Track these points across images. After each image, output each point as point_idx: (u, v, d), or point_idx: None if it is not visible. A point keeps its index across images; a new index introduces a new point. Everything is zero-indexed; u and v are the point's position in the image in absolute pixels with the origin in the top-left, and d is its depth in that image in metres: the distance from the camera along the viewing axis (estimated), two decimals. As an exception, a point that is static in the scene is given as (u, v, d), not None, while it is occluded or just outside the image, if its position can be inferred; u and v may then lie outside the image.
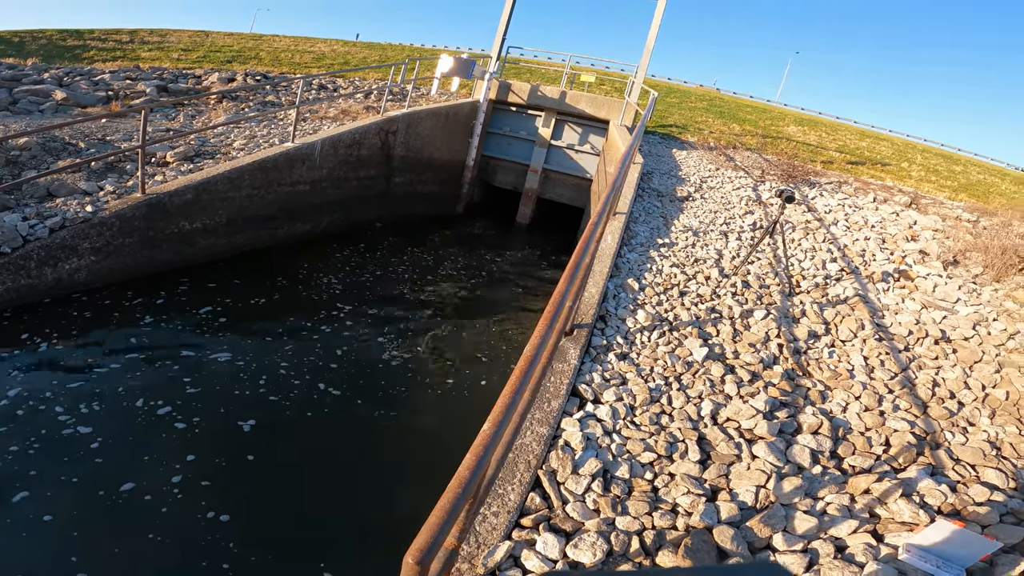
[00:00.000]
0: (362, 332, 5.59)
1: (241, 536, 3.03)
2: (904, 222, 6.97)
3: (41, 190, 5.50)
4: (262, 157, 6.63)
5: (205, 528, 3.04)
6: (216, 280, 5.97)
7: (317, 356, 4.94)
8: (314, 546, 3.05)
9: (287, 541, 3.06)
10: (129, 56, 14.87)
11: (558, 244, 10.86)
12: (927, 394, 3.35)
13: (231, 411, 4.00)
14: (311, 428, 4.02)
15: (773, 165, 10.25)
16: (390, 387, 4.70)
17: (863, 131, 19.92)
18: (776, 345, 3.89)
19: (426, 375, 4.97)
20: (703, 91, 24.45)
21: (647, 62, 10.53)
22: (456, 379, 4.98)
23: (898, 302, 4.70)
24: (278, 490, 3.41)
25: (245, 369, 4.54)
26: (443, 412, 4.46)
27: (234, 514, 3.16)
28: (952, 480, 2.56)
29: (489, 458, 1.25)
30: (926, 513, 2.28)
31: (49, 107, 8.65)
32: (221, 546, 2.96)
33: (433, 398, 4.65)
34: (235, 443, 3.71)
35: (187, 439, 3.67)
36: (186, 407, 3.95)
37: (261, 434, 3.85)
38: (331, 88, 12.97)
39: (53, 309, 4.86)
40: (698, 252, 5.65)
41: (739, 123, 15.45)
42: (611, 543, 2.12)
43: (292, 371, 4.63)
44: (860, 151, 14.12)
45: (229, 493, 3.31)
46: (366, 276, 7.13)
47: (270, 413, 4.07)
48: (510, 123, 11.72)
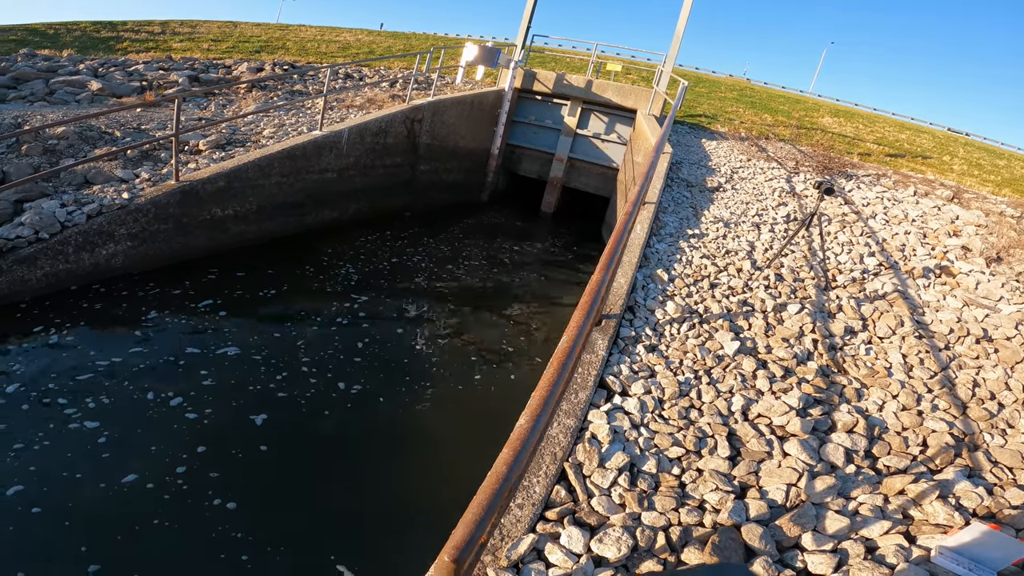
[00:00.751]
0: (384, 321, 5.62)
1: (250, 525, 2.99)
2: (946, 217, 6.69)
3: (79, 178, 5.66)
4: (291, 145, 6.70)
5: (213, 518, 3.02)
6: (244, 268, 6.08)
7: (339, 346, 4.96)
8: (328, 538, 3.03)
9: (298, 533, 3.01)
10: (161, 47, 15.18)
11: (583, 233, 10.75)
12: (967, 394, 3.23)
13: (245, 403, 4.00)
14: (328, 419, 3.98)
15: (808, 156, 9.93)
16: (411, 377, 4.70)
17: (902, 123, 19.14)
18: (810, 340, 3.77)
19: (447, 367, 4.97)
20: (733, 81, 23.82)
21: (676, 51, 10.26)
22: (479, 371, 4.97)
23: (939, 299, 4.52)
24: (292, 481, 3.40)
25: (265, 359, 4.55)
26: (466, 405, 4.45)
27: (243, 503, 3.12)
28: (989, 483, 2.49)
29: (527, 453, 1.22)
30: (961, 515, 2.22)
31: (85, 97, 8.88)
32: (230, 536, 2.93)
33: (455, 390, 4.63)
34: (248, 434, 3.72)
35: (198, 430, 3.62)
36: (199, 397, 3.94)
37: (275, 426, 3.82)
38: (357, 77, 13.04)
39: (80, 296, 4.96)
40: (729, 243, 5.51)
41: (771, 113, 15.01)
42: (636, 538, 2.09)
43: (312, 362, 4.63)
44: (899, 143, 13.57)
45: (239, 483, 3.29)
46: (390, 264, 7.17)
47: (287, 403, 4.07)
48: (535, 112, 11.62)
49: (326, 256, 6.91)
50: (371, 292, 6.20)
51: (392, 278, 6.75)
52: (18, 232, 4.66)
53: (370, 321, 5.58)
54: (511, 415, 3.43)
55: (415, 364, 4.90)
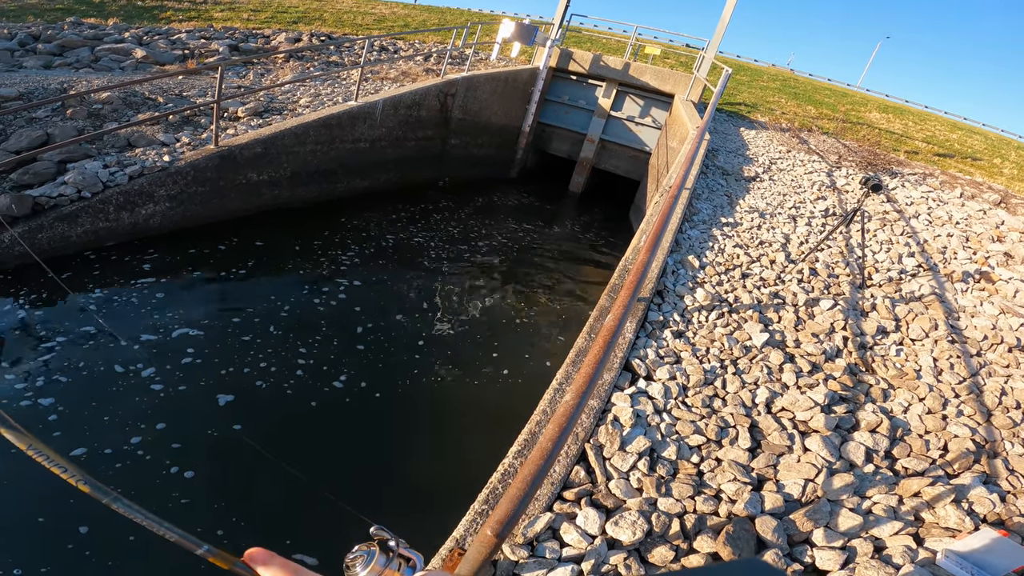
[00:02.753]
0: (405, 292, 5.70)
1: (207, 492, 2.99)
2: (991, 221, 6.43)
3: (121, 141, 5.81)
4: (326, 115, 6.75)
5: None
6: (273, 232, 6.20)
7: (355, 319, 4.98)
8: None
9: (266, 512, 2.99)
10: (203, 16, 15.33)
11: (610, 216, 10.66)
12: (993, 402, 3.17)
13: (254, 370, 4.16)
14: (335, 398, 3.94)
15: (851, 151, 9.58)
16: (428, 349, 4.76)
17: (954, 123, 18.23)
18: (841, 338, 3.70)
19: (470, 345, 5.02)
20: (776, 71, 22.96)
21: (720, 37, 9.92)
22: (497, 347, 5.01)
23: (976, 304, 4.39)
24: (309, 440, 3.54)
25: (285, 324, 4.63)
26: (483, 380, 4.50)
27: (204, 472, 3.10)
28: (1004, 490, 2.47)
29: (571, 429, 1.22)
30: (972, 520, 2.22)
31: (129, 64, 9.07)
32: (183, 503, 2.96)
33: (472, 365, 4.68)
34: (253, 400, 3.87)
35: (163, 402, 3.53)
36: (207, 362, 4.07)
37: (284, 393, 3.86)
38: (392, 50, 12.99)
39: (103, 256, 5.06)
40: (764, 234, 5.39)
41: (815, 105, 14.45)
42: (651, 523, 2.10)
43: (330, 326, 4.69)
44: (949, 143, 12.97)
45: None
46: (416, 236, 7.24)
47: (309, 369, 4.13)
48: (569, 92, 11.43)
49: (353, 225, 7.00)
50: (394, 263, 6.28)
51: (417, 249, 6.81)
52: (61, 190, 4.83)
53: (391, 291, 5.66)
54: (529, 393, 3.46)
55: (432, 337, 4.96)
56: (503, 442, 2.51)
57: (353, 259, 6.13)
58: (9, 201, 4.50)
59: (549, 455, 1.13)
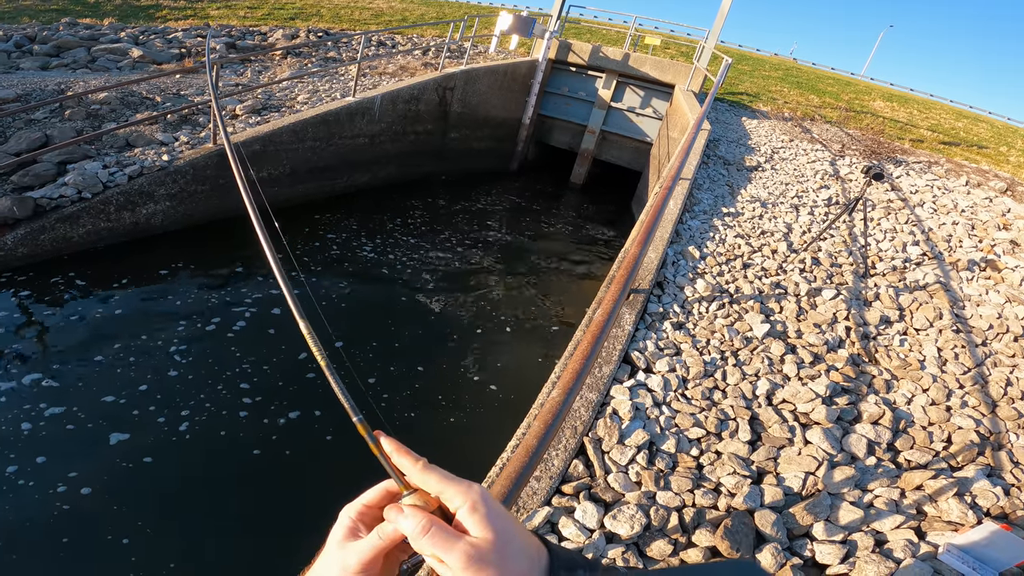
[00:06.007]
0: (404, 286, 5.69)
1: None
2: (997, 209, 6.38)
3: (120, 141, 5.81)
4: (324, 111, 6.73)
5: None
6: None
7: (349, 315, 4.97)
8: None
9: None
10: (199, 14, 15.28)
11: (612, 206, 10.62)
12: (998, 392, 3.14)
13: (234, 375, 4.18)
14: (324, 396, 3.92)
15: (855, 140, 9.48)
16: (427, 341, 4.77)
17: (960, 111, 18.01)
18: (843, 328, 3.66)
19: (464, 333, 5.01)
20: (778, 60, 22.73)
21: (720, 26, 9.81)
22: (502, 342, 5.00)
23: (981, 293, 4.35)
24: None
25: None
26: (481, 373, 4.49)
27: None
28: (1007, 483, 2.44)
29: (557, 427, 1.21)
30: (974, 514, 2.20)
31: (126, 64, 9.05)
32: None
33: (470, 357, 4.67)
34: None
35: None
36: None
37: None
38: (390, 45, 12.92)
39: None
40: (765, 224, 5.35)
41: (818, 95, 14.31)
42: (650, 517, 2.09)
43: (332, 321, 4.69)
44: (955, 131, 12.82)
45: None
46: (416, 230, 7.22)
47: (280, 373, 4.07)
48: (569, 83, 11.34)
49: (354, 220, 6.99)
50: (393, 257, 6.26)
51: (416, 244, 6.80)
52: (61, 192, 4.83)
53: (390, 284, 5.65)
54: (525, 385, 3.44)
55: (430, 329, 4.96)
56: (507, 435, 2.50)
57: (353, 255, 6.12)
58: (11, 203, 4.51)
59: (534, 452, 1.12)
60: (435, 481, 0.47)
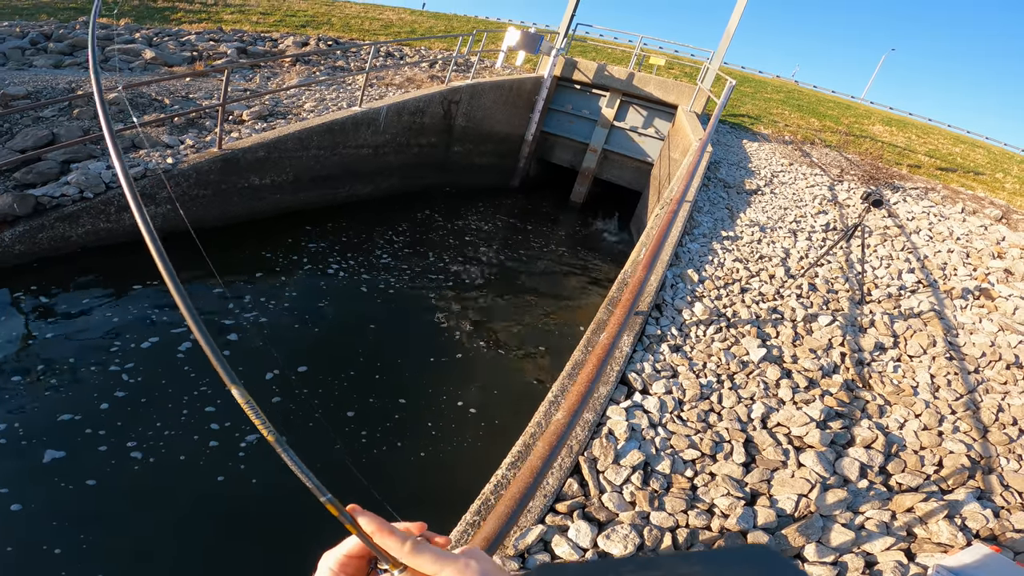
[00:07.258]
0: (399, 300, 5.68)
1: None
2: (992, 237, 6.45)
3: (126, 142, 5.83)
4: (330, 120, 6.79)
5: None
6: (273, 236, 6.19)
7: (350, 324, 4.95)
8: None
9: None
10: (213, 18, 15.46)
11: (611, 226, 10.68)
12: (990, 418, 3.19)
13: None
14: (345, 391, 4.07)
15: (854, 165, 9.60)
16: (418, 355, 4.72)
17: (957, 136, 18.26)
18: (838, 354, 3.70)
19: (461, 354, 4.98)
20: (780, 82, 23.06)
21: (725, 48, 9.97)
22: (494, 362, 5.00)
23: (975, 321, 4.41)
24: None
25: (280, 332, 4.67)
26: (472, 393, 4.45)
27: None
28: (997, 505, 2.48)
29: (562, 448, 1.22)
30: (964, 536, 2.24)
31: (139, 65, 9.15)
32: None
33: (461, 376, 4.62)
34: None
35: None
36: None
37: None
38: (397, 56, 13.08)
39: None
40: (764, 248, 5.40)
41: (819, 118, 14.50)
42: (643, 537, 2.10)
43: (331, 331, 4.70)
44: (952, 157, 12.98)
45: None
46: (414, 243, 7.25)
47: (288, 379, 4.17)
48: (573, 101, 11.48)
49: (354, 231, 7.01)
50: (390, 269, 6.26)
51: (414, 257, 6.82)
52: (63, 190, 4.85)
53: (385, 298, 5.64)
54: (525, 403, 3.43)
55: (421, 344, 4.93)
56: (500, 452, 2.50)
57: (352, 266, 6.14)
58: (11, 200, 4.53)
59: (539, 472, 1.13)
60: (429, 563, 0.45)
